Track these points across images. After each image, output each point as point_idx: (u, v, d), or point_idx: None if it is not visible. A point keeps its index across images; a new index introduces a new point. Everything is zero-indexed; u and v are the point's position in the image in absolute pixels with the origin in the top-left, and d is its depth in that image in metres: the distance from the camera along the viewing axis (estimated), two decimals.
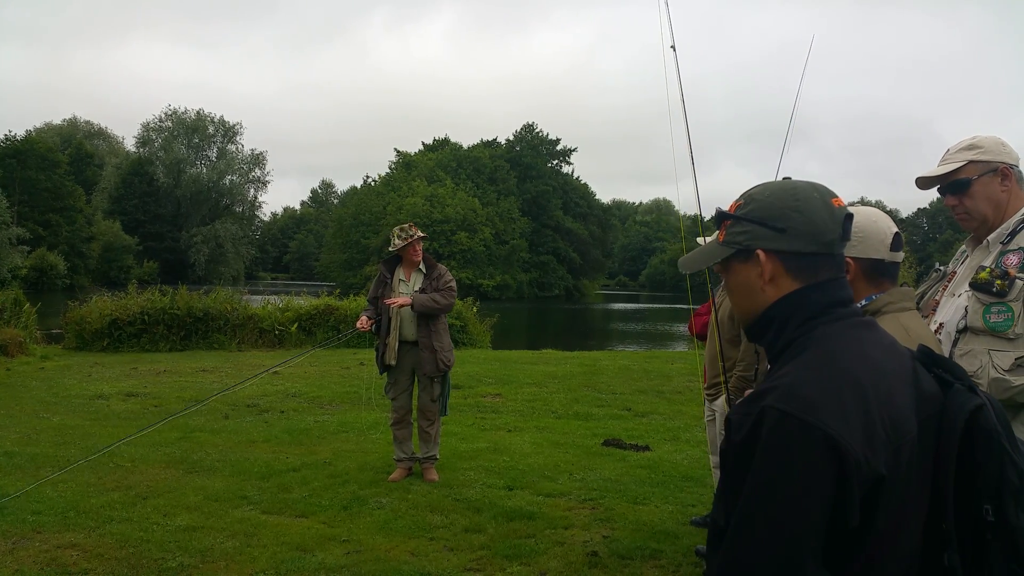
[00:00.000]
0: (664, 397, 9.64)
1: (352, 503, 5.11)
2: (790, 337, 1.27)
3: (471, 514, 4.94)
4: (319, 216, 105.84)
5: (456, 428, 7.37)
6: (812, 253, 1.28)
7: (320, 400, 9.11)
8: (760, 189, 1.35)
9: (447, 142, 72.41)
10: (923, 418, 1.20)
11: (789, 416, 1.12)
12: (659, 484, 5.68)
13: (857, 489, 1.09)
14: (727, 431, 1.24)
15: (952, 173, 2.45)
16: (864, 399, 1.14)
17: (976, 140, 2.47)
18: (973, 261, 2.49)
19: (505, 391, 9.83)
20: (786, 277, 1.29)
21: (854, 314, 1.29)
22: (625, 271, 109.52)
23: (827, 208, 1.29)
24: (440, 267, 5.78)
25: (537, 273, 67.20)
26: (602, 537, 4.56)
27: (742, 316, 1.39)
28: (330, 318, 15.17)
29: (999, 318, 2.28)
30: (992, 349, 2.29)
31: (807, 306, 1.27)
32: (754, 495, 1.12)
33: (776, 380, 1.20)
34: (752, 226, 1.31)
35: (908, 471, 1.16)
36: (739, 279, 1.35)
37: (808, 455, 1.09)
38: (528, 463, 6.19)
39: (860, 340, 1.24)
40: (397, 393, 5.80)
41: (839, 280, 1.30)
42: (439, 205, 58.79)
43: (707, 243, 1.44)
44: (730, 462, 1.21)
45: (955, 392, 1.23)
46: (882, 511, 1.12)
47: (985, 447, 1.18)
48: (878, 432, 1.13)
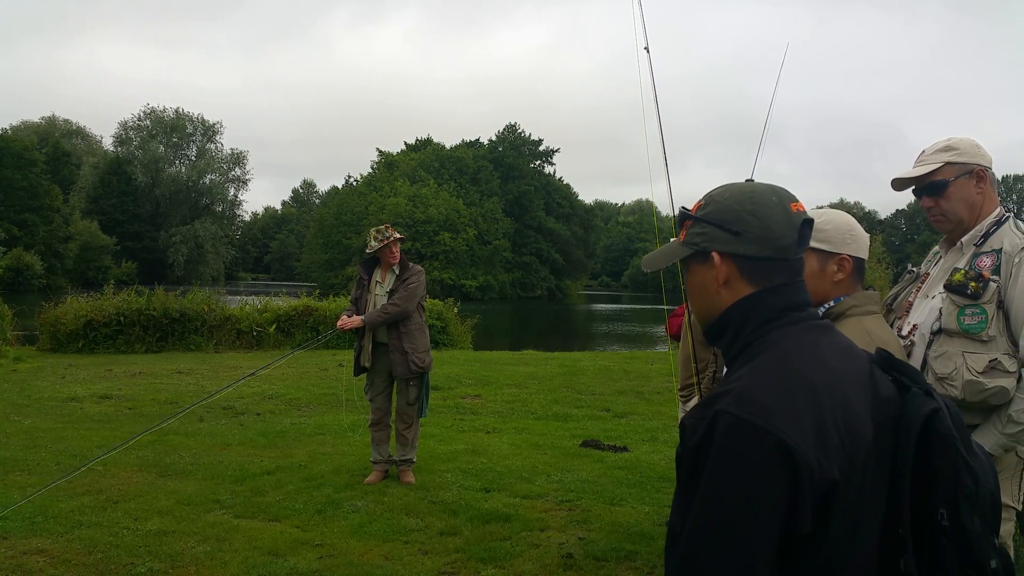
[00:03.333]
0: (643, 398, 9.66)
1: (327, 506, 5.07)
2: (745, 340, 1.27)
3: (447, 517, 4.90)
4: (300, 216, 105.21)
5: (434, 430, 7.34)
6: (767, 257, 1.27)
7: (297, 402, 9.04)
8: (720, 191, 1.34)
9: (429, 142, 72.26)
10: (880, 422, 1.19)
11: (742, 421, 1.10)
12: (636, 485, 5.68)
13: (809, 495, 1.08)
14: (681, 435, 1.22)
15: (929, 174, 2.44)
16: (818, 403, 1.13)
17: (952, 142, 2.46)
18: (947, 263, 2.49)
19: (485, 392, 9.81)
20: (740, 280, 1.28)
21: (810, 317, 1.28)
22: (608, 271, 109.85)
23: (784, 213, 1.28)
24: (412, 268, 5.74)
25: (520, 274, 67.22)
26: (578, 539, 4.54)
27: (700, 318, 1.38)
28: (309, 319, 15.07)
29: (973, 320, 2.28)
30: (966, 351, 2.29)
31: (762, 310, 1.26)
32: (707, 500, 1.11)
33: (730, 384, 1.19)
34: (709, 228, 1.30)
35: (863, 476, 1.15)
36: (696, 280, 1.34)
37: (760, 460, 1.08)
38: (506, 465, 6.17)
39: (816, 344, 1.24)
40: (375, 395, 5.77)
41: (795, 284, 1.29)
42: (422, 205, 58.63)
43: (669, 243, 1.44)
44: (684, 467, 1.20)
45: (912, 396, 1.22)
46: (836, 517, 1.11)
47: (941, 451, 1.17)
48: (832, 437, 1.12)
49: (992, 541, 1.19)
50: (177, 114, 74.25)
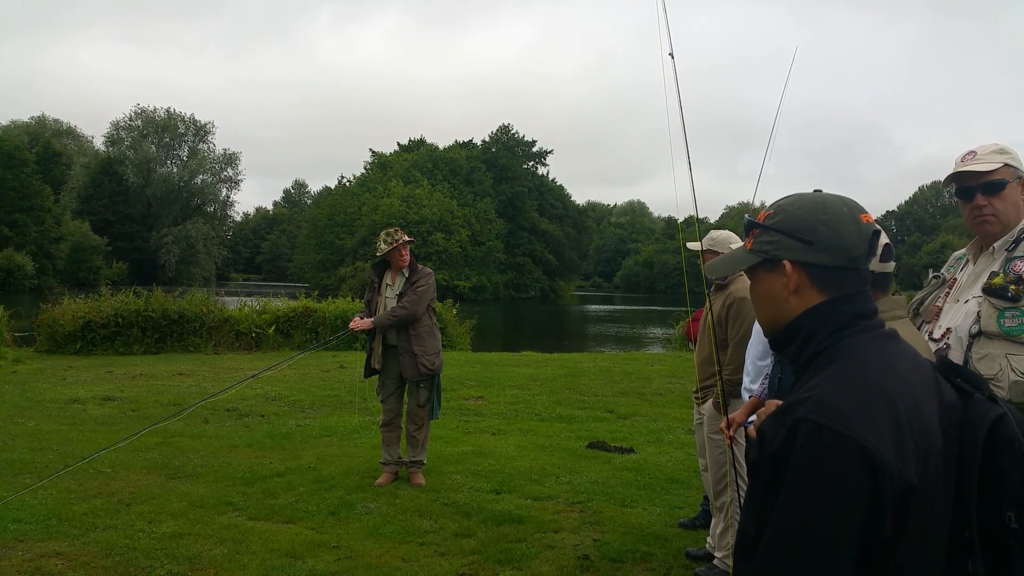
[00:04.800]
0: (646, 399, 9.70)
1: (340, 508, 5.08)
2: (817, 348, 1.29)
3: (460, 518, 4.93)
4: (292, 216, 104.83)
5: (440, 431, 7.35)
6: (838, 267, 1.30)
7: (301, 404, 9.03)
8: (790, 200, 1.37)
9: (423, 143, 72.16)
10: (945, 427, 1.22)
11: (824, 428, 1.13)
12: (645, 487, 5.72)
13: (890, 499, 1.11)
14: (759, 442, 1.24)
15: (988, 172, 2.45)
16: (894, 410, 1.16)
17: (1004, 146, 2.49)
18: (978, 267, 2.52)
19: (488, 393, 9.82)
20: (811, 289, 1.31)
21: (878, 326, 1.31)
22: (600, 272, 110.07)
23: (855, 223, 1.31)
24: (421, 270, 5.76)
25: (513, 274, 67.19)
26: (592, 540, 4.57)
27: (766, 325, 1.41)
28: (308, 320, 15.03)
29: (1014, 323, 2.32)
30: (1009, 353, 2.33)
31: (833, 318, 1.29)
32: (790, 506, 1.13)
33: (807, 392, 1.21)
34: (780, 236, 1.33)
35: (935, 480, 1.18)
36: (764, 288, 1.37)
37: (843, 466, 1.11)
38: (514, 466, 6.20)
39: (886, 352, 1.27)
40: (386, 396, 5.79)
41: (863, 293, 1.32)
42: (415, 206, 58.53)
43: (735, 249, 1.46)
44: (763, 473, 1.21)
45: (976, 402, 1.25)
46: (912, 520, 1.14)
47: (1008, 456, 1.20)
48: (908, 442, 1.15)
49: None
50: (168, 114, 73.82)
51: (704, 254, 4.27)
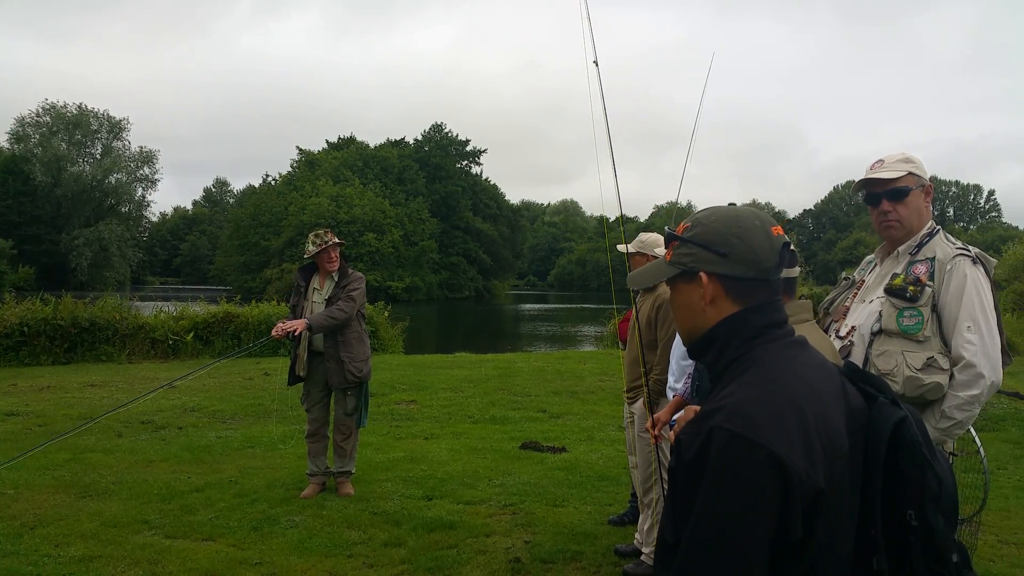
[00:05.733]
0: (578, 397, 9.76)
1: (263, 523, 4.90)
2: (731, 357, 1.33)
3: (390, 527, 4.82)
4: (213, 216, 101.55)
5: (371, 438, 7.20)
6: (751, 278, 1.34)
7: (222, 414, 8.70)
8: (707, 214, 1.41)
9: (353, 141, 71.03)
10: (852, 431, 1.26)
11: (736, 436, 1.16)
12: (577, 485, 5.74)
13: (800, 503, 1.14)
14: (676, 450, 1.26)
15: (894, 180, 2.57)
16: (803, 417, 1.19)
17: (909, 155, 2.61)
18: (883, 270, 2.65)
19: (420, 397, 9.70)
20: (726, 299, 1.35)
21: (788, 334, 1.36)
22: (534, 271, 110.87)
23: (767, 236, 1.35)
24: (352, 274, 5.61)
25: (447, 274, 66.91)
26: (524, 542, 4.55)
27: (684, 334, 1.44)
28: (230, 326, 14.51)
29: (911, 321, 2.45)
30: (905, 350, 2.45)
31: (747, 328, 1.33)
32: (705, 512, 1.16)
33: (722, 400, 1.24)
34: (697, 249, 1.37)
35: (842, 483, 1.21)
36: (682, 298, 1.41)
37: (755, 473, 1.14)
38: (446, 471, 6.12)
39: (795, 359, 1.31)
40: (311, 405, 5.62)
41: (775, 303, 1.37)
42: (346, 206, 57.49)
43: (655, 261, 1.50)
44: (679, 480, 1.24)
45: (880, 405, 1.30)
46: (821, 522, 1.17)
47: (908, 457, 1.25)
48: (816, 448, 1.18)
49: (953, 537, 1.28)
50: (80, 110, 70.23)
51: (633, 256, 4.30)
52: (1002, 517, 5.04)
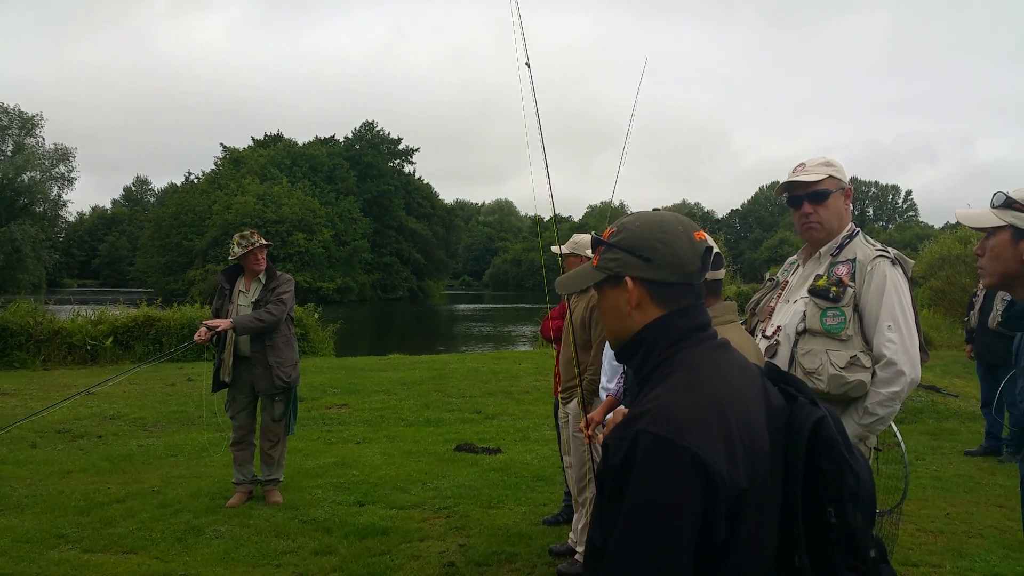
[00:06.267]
0: (513, 398, 9.78)
1: (187, 534, 4.73)
2: (657, 360, 1.35)
3: (320, 535, 4.72)
4: (134, 216, 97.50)
5: (300, 444, 7.05)
6: (675, 282, 1.36)
7: (143, 422, 8.37)
8: (632, 219, 1.42)
9: (280, 138, 69.30)
10: (773, 431, 1.29)
11: (661, 439, 1.17)
12: (512, 486, 5.74)
13: (723, 505, 1.16)
14: (603, 455, 1.27)
15: (815, 183, 2.65)
16: (725, 418, 1.22)
17: (830, 159, 2.70)
18: (807, 271, 2.73)
19: (352, 401, 9.54)
20: (651, 304, 1.37)
21: (712, 337, 1.38)
22: (469, 271, 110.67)
23: (690, 241, 1.37)
24: (281, 276, 5.47)
25: (380, 275, 66.10)
26: (458, 546, 4.52)
27: (612, 338, 1.45)
28: (151, 331, 13.95)
29: (834, 321, 2.52)
30: (829, 349, 2.52)
31: (671, 331, 1.35)
32: (632, 516, 1.17)
33: (648, 403, 1.25)
34: (622, 254, 1.38)
35: (764, 482, 1.24)
36: (609, 303, 1.42)
37: (680, 476, 1.15)
38: (379, 475, 6.03)
39: (719, 362, 1.33)
40: (236, 411, 5.45)
41: (698, 306, 1.39)
42: (273, 205, 56.09)
43: (582, 266, 1.49)
44: (607, 485, 1.24)
45: (800, 405, 1.33)
46: (744, 522, 1.19)
47: (828, 455, 1.27)
48: (738, 449, 1.20)
49: (871, 534, 1.31)
50: None
51: (567, 257, 4.33)
52: (920, 506, 5.24)
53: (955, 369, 11.64)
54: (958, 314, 15.70)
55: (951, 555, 4.38)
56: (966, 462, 6.61)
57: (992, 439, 6.81)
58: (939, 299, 19.33)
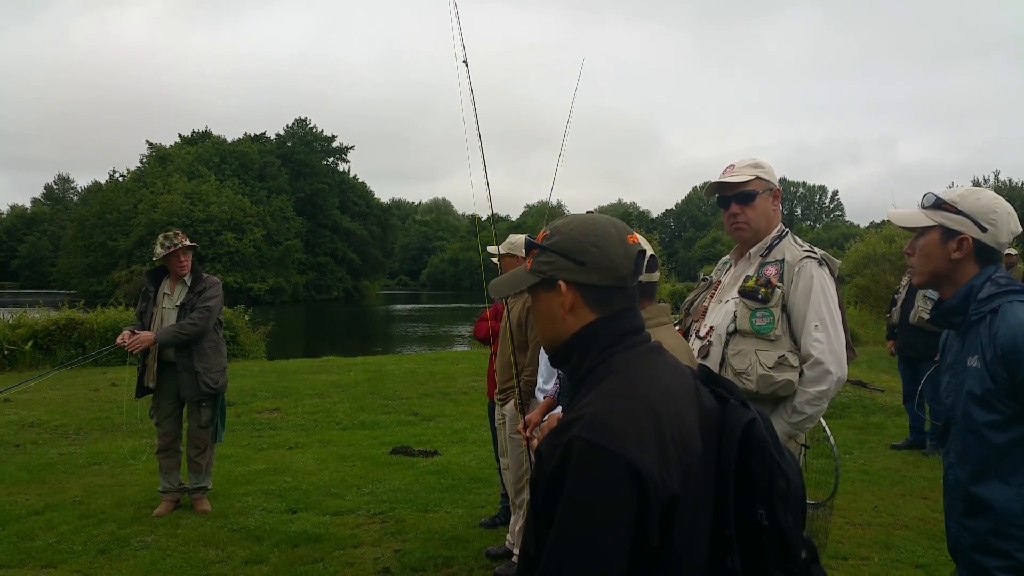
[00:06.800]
0: (450, 399, 9.73)
1: (111, 545, 4.56)
2: (591, 364, 1.33)
3: (251, 544, 4.59)
4: (55, 215, 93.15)
5: (229, 450, 6.84)
6: (608, 286, 1.35)
7: (65, 429, 8.00)
8: (565, 222, 1.40)
9: (208, 135, 67.25)
10: (705, 433, 1.29)
11: (594, 445, 1.16)
12: (449, 489, 5.71)
13: (656, 511, 1.16)
14: (537, 463, 1.26)
15: (742, 184, 2.70)
16: (659, 423, 1.21)
17: (759, 160, 2.74)
18: (737, 271, 2.78)
19: (284, 405, 9.33)
20: (584, 307, 1.36)
21: (645, 341, 1.38)
22: (406, 270, 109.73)
23: (623, 244, 1.37)
24: (207, 280, 5.29)
25: (314, 275, 64.91)
26: (393, 551, 4.47)
27: (546, 343, 1.43)
28: (73, 334, 13.36)
29: (763, 322, 2.57)
30: (758, 349, 2.57)
31: (605, 335, 1.34)
32: (565, 523, 1.16)
33: (581, 409, 1.24)
34: (556, 257, 1.37)
35: (697, 485, 1.24)
36: (543, 306, 1.40)
37: (613, 482, 1.15)
38: (312, 481, 5.91)
39: (652, 365, 1.33)
40: (161, 418, 5.26)
41: (632, 310, 1.39)
42: (201, 203, 54.38)
43: (516, 269, 1.48)
44: (540, 493, 1.23)
45: (731, 407, 1.34)
46: (677, 526, 1.19)
47: (758, 457, 1.28)
48: (671, 453, 1.20)
49: (802, 534, 1.33)
50: None
51: (504, 258, 4.32)
52: (849, 500, 5.37)
53: (881, 365, 11.95)
54: (883, 311, 16.32)
55: (879, 547, 4.50)
56: (892, 455, 6.80)
57: (916, 433, 7.03)
58: (865, 296, 20.07)
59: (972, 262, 2.00)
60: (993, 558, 1.87)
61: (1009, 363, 1.83)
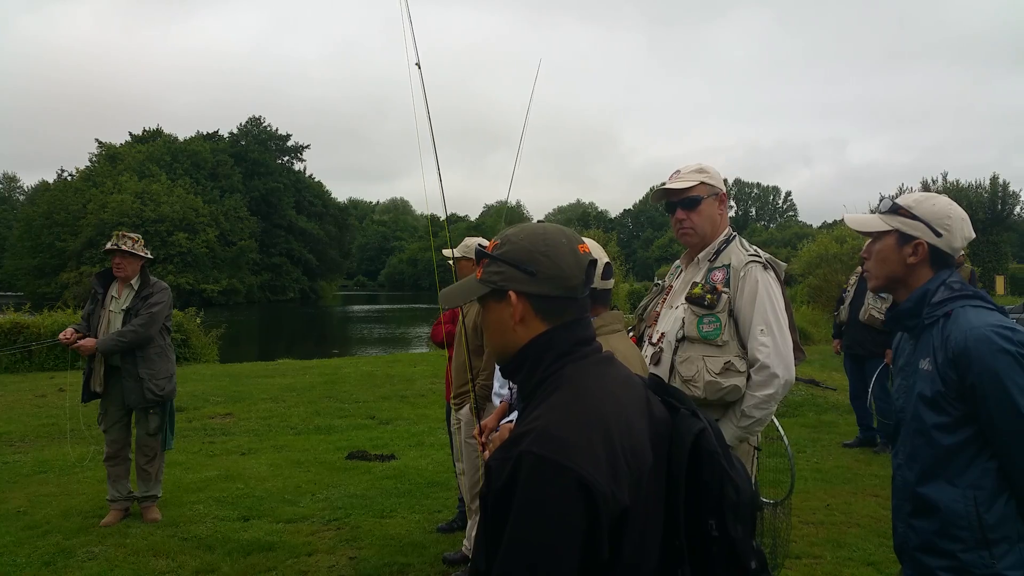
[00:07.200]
0: (408, 401, 9.67)
1: (56, 557, 4.42)
2: (542, 376, 1.33)
3: (202, 553, 4.50)
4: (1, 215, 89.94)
5: (180, 457, 6.69)
6: (559, 296, 1.34)
7: (9, 436, 7.74)
8: (516, 232, 1.39)
9: (160, 133, 65.67)
10: (655, 443, 1.29)
11: (544, 460, 1.16)
12: (405, 494, 5.66)
13: (606, 524, 1.15)
14: (486, 477, 1.24)
15: (687, 190, 2.72)
16: (609, 435, 1.21)
17: (704, 166, 2.77)
18: (687, 276, 2.80)
19: (237, 409, 9.16)
20: (535, 318, 1.35)
21: (596, 351, 1.37)
22: (364, 271, 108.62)
23: (574, 254, 1.35)
24: (155, 284, 5.17)
25: (269, 276, 63.83)
26: (348, 559, 4.42)
27: (497, 353, 1.42)
28: (19, 338, 12.92)
29: (710, 328, 2.59)
30: (705, 355, 2.59)
31: (556, 346, 1.33)
32: (515, 538, 1.15)
33: (531, 423, 1.23)
34: (506, 267, 1.35)
35: (647, 497, 1.24)
36: (493, 317, 1.39)
37: (563, 497, 1.14)
38: (265, 488, 5.81)
39: (603, 376, 1.32)
40: (109, 425, 5.12)
41: (583, 320, 1.38)
42: (152, 203, 53.01)
43: (467, 279, 1.46)
44: (490, 508, 1.22)
45: (682, 417, 1.34)
46: (628, 540, 1.19)
47: (708, 467, 1.29)
48: (622, 466, 1.20)
49: (752, 544, 1.33)
50: None
51: (459, 261, 4.30)
52: (802, 499, 5.41)
53: (833, 363, 12.06)
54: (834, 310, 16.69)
55: (831, 546, 4.56)
56: (844, 453, 6.87)
57: (866, 430, 7.12)
58: (817, 295, 20.51)
59: (927, 267, 2.03)
60: (937, 558, 1.90)
61: (960, 366, 1.86)
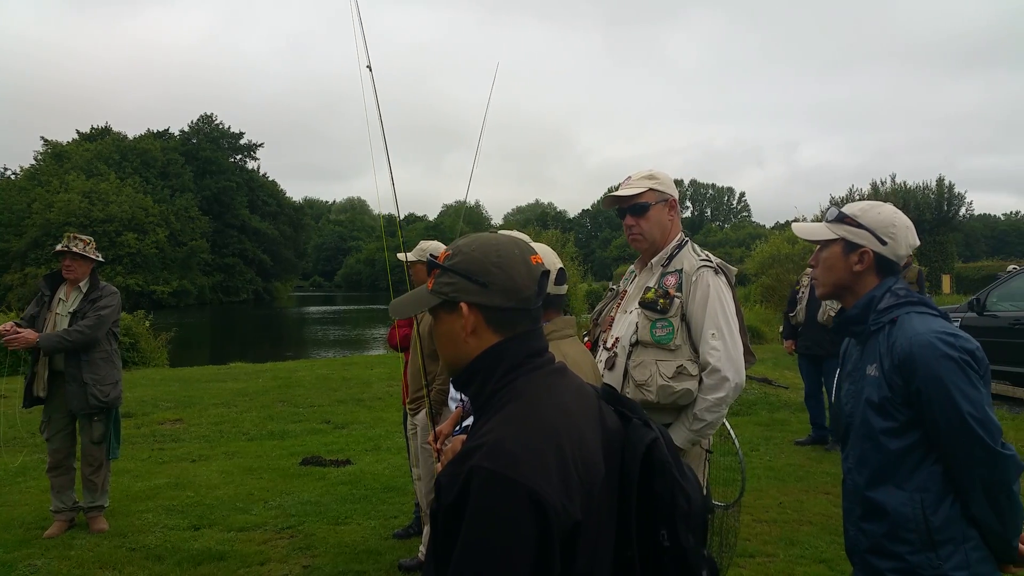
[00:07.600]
0: (364, 405, 9.56)
1: None
2: (494, 388, 1.31)
3: (151, 564, 4.38)
4: None
5: (128, 464, 6.50)
6: (511, 308, 1.33)
7: None
8: (467, 242, 1.37)
9: (108, 131, 63.96)
10: (608, 454, 1.29)
11: (495, 475, 1.14)
12: (361, 499, 5.59)
13: (558, 538, 1.14)
14: (436, 493, 1.22)
15: (635, 196, 2.75)
16: (560, 448, 1.20)
17: (654, 171, 2.80)
18: (640, 281, 2.82)
19: (187, 415, 8.94)
20: (487, 330, 1.33)
21: (548, 363, 1.36)
22: (320, 271, 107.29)
23: (526, 265, 1.34)
24: (104, 288, 5.03)
25: (221, 276, 62.64)
26: (302, 567, 4.34)
27: (449, 365, 1.40)
28: None
29: (663, 332, 2.62)
30: (658, 359, 2.61)
31: (508, 358, 1.32)
32: (465, 554, 1.13)
33: (482, 437, 1.22)
34: (458, 279, 1.33)
35: (599, 509, 1.23)
36: (445, 328, 1.37)
37: (514, 512, 1.12)
38: (216, 496, 5.68)
39: (555, 388, 1.31)
40: (53, 433, 4.95)
41: (535, 331, 1.37)
42: (100, 203, 51.53)
43: (418, 289, 1.44)
44: (441, 523, 1.20)
45: (634, 427, 1.34)
46: (580, 553, 1.18)
47: (660, 477, 1.28)
48: (573, 478, 1.19)
49: (703, 554, 1.33)
50: None
51: (414, 265, 4.26)
52: (756, 497, 5.48)
53: (785, 362, 12.33)
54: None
55: (784, 544, 4.62)
56: (796, 451, 6.98)
57: (818, 429, 7.25)
58: (770, 295, 20.96)
59: (873, 274, 2.07)
60: (886, 560, 1.94)
61: (905, 371, 1.90)
